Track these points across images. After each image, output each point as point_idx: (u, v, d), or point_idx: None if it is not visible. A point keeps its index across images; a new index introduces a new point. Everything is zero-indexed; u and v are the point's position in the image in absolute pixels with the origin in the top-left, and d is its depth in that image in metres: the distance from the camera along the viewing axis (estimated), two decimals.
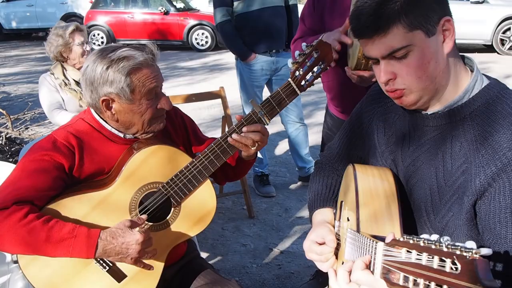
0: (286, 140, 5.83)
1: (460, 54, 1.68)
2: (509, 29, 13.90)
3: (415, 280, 1.12)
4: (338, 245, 1.84)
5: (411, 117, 1.75)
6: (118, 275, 2.20)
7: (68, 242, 2.02)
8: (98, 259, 2.15)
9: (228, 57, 14.62)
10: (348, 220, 1.74)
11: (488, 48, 14.38)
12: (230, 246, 4.53)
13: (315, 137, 6.84)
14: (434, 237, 1.11)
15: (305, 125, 5.66)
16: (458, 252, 1.03)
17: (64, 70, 4.39)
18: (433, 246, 1.09)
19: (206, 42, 17.31)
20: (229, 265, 4.24)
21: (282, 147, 6.95)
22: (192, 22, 17.27)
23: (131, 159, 2.19)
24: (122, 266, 2.20)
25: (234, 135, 2.24)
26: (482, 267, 1.01)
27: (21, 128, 6.49)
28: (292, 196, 5.56)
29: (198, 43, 17.35)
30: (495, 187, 1.47)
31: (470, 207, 1.52)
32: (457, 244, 1.05)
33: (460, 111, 1.60)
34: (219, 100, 5.09)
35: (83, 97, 4.34)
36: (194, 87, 10.81)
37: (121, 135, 2.30)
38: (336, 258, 1.83)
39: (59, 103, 4.33)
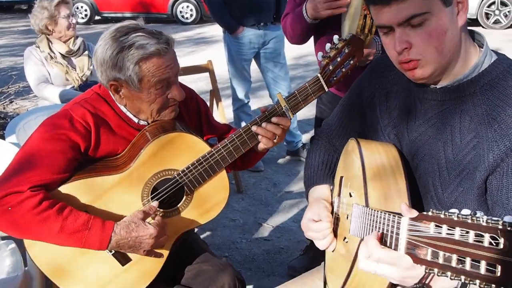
0: None
1: (469, 29, 1.65)
2: (493, 3, 13.89)
3: (445, 256, 1.09)
4: (338, 221, 1.83)
5: (418, 91, 1.72)
6: (123, 259, 2.18)
7: (82, 234, 1.99)
8: None
9: (213, 30, 14.49)
10: (350, 196, 1.72)
11: (473, 22, 14.36)
12: (219, 221, 4.52)
13: (303, 111, 6.78)
14: (466, 211, 1.08)
15: None
16: (500, 226, 0.99)
17: (50, 43, 4.33)
18: (469, 221, 1.05)
19: (191, 15, 17.14)
20: (218, 240, 4.24)
21: None
22: None
23: (149, 144, 2.13)
24: None
25: (256, 127, 2.19)
26: None
27: (5, 102, 6.42)
28: (281, 170, 5.56)
29: (183, 16, 17.18)
30: (507, 162, 1.46)
31: (482, 182, 1.52)
32: (496, 218, 1.01)
33: (470, 86, 1.58)
34: (206, 74, 5.05)
35: (69, 71, 4.29)
36: (180, 60, 10.68)
37: (136, 120, 2.24)
38: (335, 235, 1.82)
39: (46, 77, 4.27)
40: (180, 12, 17.15)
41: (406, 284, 1.38)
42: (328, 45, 2.16)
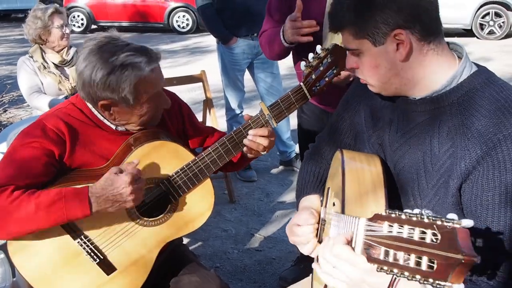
0: None
1: (451, 42, 1.72)
2: (488, 13, 13.97)
3: (395, 254, 1.12)
4: (323, 230, 1.84)
5: (399, 102, 1.76)
6: (108, 268, 2.17)
7: (59, 204, 1.97)
8: (90, 251, 2.12)
9: (209, 40, 14.52)
10: (334, 205, 1.73)
11: (467, 33, 14.43)
12: (211, 231, 4.52)
13: (296, 121, 6.83)
14: (416, 211, 1.12)
15: None
16: (439, 222, 1.04)
17: (43, 53, 4.34)
18: (414, 218, 1.10)
19: (187, 25, 17.20)
20: (210, 250, 4.23)
21: None
22: (173, 4, 17.11)
23: (132, 153, 2.14)
24: (114, 259, 2.17)
25: (246, 140, 2.21)
26: (462, 236, 1.02)
27: None
28: (274, 180, 5.56)
29: (179, 26, 17.23)
30: (479, 170, 1.49)
31: (455, 190, 1.55)
32: (438, 215, 1.06)
33: (448, 96, 1.62)
34: (200, 84, 5.06)
35: (62, 81, 4.29)
36: (176, 70, 10.73)
37: (113, 127, 2.23)
38: (320, 243, 1.83)
39: (38, 86, 4.28)
40: (176, 21, 17.20)
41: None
42: (310, 55, 2.17)
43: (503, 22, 13.90)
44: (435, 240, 1.04)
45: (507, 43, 13.40)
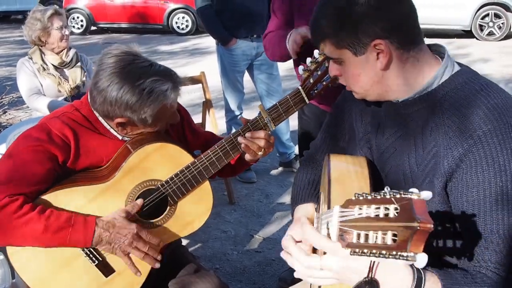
0: None
1: (433, 44, 1.77)
2: (487, 14, 13.99)
3: (366, 235, 1.15)
4: None
5: (385, 105, 1.79)
6: (107, 270, 2.17)
7: (66, 231, 2.00)
8: (89, 253, 2.13)
9: (209, 41, 14.51)
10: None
11: (467, 34, 14.45)
12: (210, 233, 4.52)
13: (296, 122, 6.82)
14: (383, 190, 1.15)
15: None
16: (398, 196, 1.08)
17: (43, 55, 4.34)
18: (379, 197, 1.13)
19: (187, 26, 17.20)
20: (209, 252, 4.23)
21: None
22: (172, 5, 17.12)
23: (133, 154, 2.15)
24: (112, 261, 2.17)
25: (241, 139, 2.23)
26: (419, 206, 1.07)
27: None
28: (273, 181, 5.57)
29: (178, 27, 17.23)
30: (462, 168, 1.51)
31: (440, 189, 1.57)
32: (399, 190, 1.11)
33: (430, 97, 1.65)
34: (200, 85, 5.06)
35: (61, 82, 4.29)
36: (176, 71, 10.72)
37: (119, 137, 2.26)
38: (314, 251, 1.82)
39: (38, 88, 4.28)
40: (176, 23, 17.21)
41: (351, 282, 1.40)
42: (308, 59, 2.19)
43: (502, 23, 13.92)
44: (396, 214, 1.07)
45: (507, 44, 13.43)
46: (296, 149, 5.61)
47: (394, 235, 1.08)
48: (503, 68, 10.20)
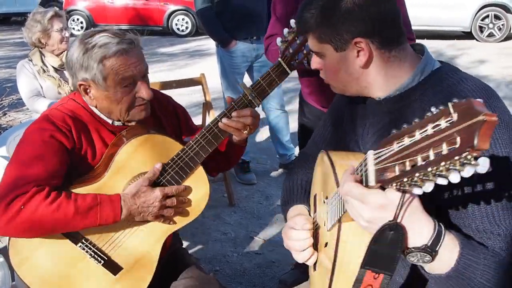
0: (267, 127, 5.82)
1: (415, 43, 1.79)
2: (487, 16, 13.98)
3: (411, 161, 1.09)
4: (317, 235, 1.82)
5: (369, 103, 1.82)
6: (114, 268, 2.18)
7: (95, 210, 2.04)
8: (93, 254, 2.13)
9: (209, 43, 14.53)
10: (324, 202, 1.71)
11: (467, 35, 14.45)
12: (210, 235, 4.52)
13: (296, 124, 6.82)
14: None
15: (286, 112, 5.66)
16: (450, 104, 1.02)
17: (43, 57, 4.34)
18: (421, 120, 1.09)
19: (187, 28, 17.21)
20: (209, 254, 4.23)
21: (263, 134, 6.91)
22: (172, 7, 17.13)
23: (120, 150, 2.15)
24: (118, 259, 2.18)
25: (225, 119, 2.20)
26: (477, 103, 0.99)
27: None
28: (273, 183, 5.56)
29: (178, 29, 17.24)
30: None
31: None
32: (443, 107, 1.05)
33: (411, 94, 1.66)
34: (200, 87, 5.07)
35: (61, 84, 4.30)
36: (176, 73, 10.75)
37: (110, 121, 2.27)
38: (316, 249, 1.82)
39: (38, 90, 4.28)
40: (176, 24, 17.21)
41: (376, 225, 1.34)
42: (286, 30, 2.17)
43: (502, 25, 13.91)
44: (451, 122, 1.01)
45: (507, 46, 13.42)
46: (296, 151, 5.61)
47: (451, 142, 1.00)
48: (503, 70, 10.19)
